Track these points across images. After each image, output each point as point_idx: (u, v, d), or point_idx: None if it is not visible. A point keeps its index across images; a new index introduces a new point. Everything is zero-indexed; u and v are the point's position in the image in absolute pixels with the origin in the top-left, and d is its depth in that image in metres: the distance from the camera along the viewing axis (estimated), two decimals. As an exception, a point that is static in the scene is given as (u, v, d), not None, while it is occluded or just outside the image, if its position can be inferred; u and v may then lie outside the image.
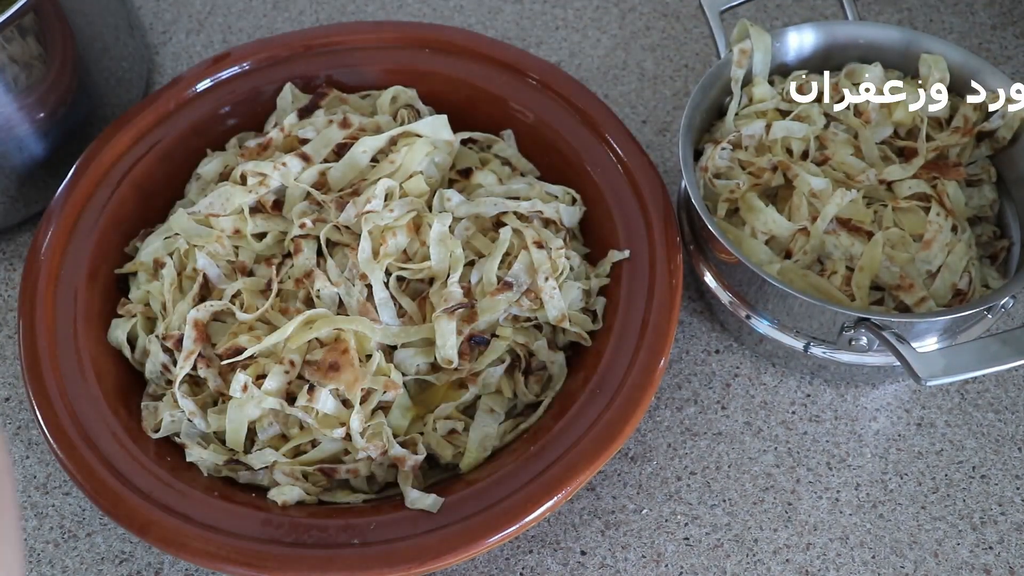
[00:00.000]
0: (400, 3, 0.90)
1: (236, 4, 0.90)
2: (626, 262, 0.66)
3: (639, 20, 0.88)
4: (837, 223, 0.64)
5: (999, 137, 0.68)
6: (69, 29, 0.71)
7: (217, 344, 0.63)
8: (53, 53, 0.70)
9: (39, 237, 0.68)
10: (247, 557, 0.56)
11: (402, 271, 0.64)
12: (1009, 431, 0.67)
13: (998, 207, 0.69)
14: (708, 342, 0.71)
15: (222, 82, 0.75)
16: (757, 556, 0.63)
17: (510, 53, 0.75)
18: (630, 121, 0.81)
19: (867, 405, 0.68)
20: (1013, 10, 0.87)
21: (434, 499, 0.58)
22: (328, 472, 0.60)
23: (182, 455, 0.62)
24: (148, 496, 0.59)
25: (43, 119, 0.71)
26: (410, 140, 0.69)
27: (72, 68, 0.73)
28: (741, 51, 0.70)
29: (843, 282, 0.63)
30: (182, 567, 0.63)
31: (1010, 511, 0.64)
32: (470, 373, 0.62)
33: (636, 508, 0.64)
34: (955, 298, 0.63)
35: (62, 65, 0.72)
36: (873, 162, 0.68)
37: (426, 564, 0.56)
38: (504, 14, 0.89)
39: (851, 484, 0.65)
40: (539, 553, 0.63)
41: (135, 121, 0.73)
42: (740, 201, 0.66)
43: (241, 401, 0.60)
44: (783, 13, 0.89)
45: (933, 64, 0.69)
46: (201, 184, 0.71)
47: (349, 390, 0.59)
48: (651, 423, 0.68)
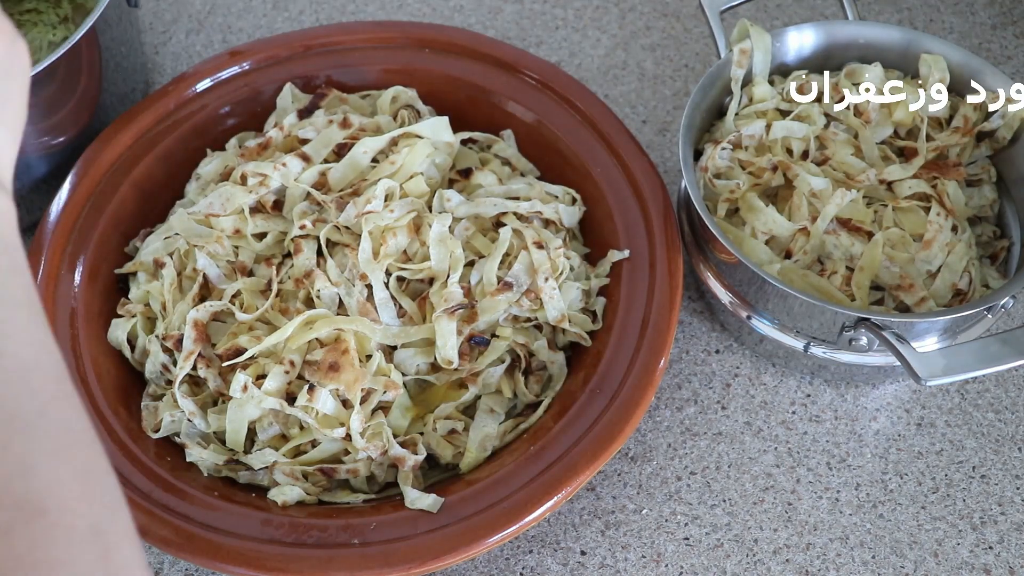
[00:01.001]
0: (400, 3, 0.90)
1: (236, 4, 0.90)
2: (626, 262, 0.66)
3: (639, 20, 0.88)
4: (837, 223, 0.64)
5: (999, 137, 0.68)
6: (99, 70, 0.72)
7: (217, 344, 0.63)
8: (77, 89, 0.71)
9: (39, 237, 0.68)
10: (247, 557, 0.56)
11: (402, 271, 0.64)
12: (1009, 431, 0.67)
13: (998, 207, 0.69)
14: (708, 342, 0.71)
15: (222, 82, 0.75)
16: (757, 556, 0.63)
17: (510, 53, 0.75)
18: (630, 121, 0.81)
19: (867, 405, 0.68)
20: (1013, 10, 0.87)
21: (434, 499, 0.58)
22: (328, 472, 0.60)
23: (182, 455, 0.62)
24: (148, 496, 0.59)
25: (57, 144, 0.72)
26: (411, 141, 0.69)
27: (92, 102, 0.73)
28: (741, 51, 0.70)
29: (843, 282, 0.63)
30: (182, 567, 0.63)
31: (1010, 511, 0.64)
32: (470, 373, 0.62)
33: (636, 508, 0.64)
34: (955, 298, 0.63)
35: (81, 100, 0.72)
36: (873, 162, 0.68)
37: (426, 564, 0.56)
38: (504, 14, 0.89)
39: (851, 484, 0.65)
40: (539, 553, 0.63)
41: (135, 121, 0.73)
42: (740, 201, 0.66)
43: (241, 401, 0.60)
44: (783, 13, 0.89)
45: (933, 64, 0.69)
46: (201, 184, 0.71)
47: (349, 390, 0.59)
48: (651, 423, 0.68)
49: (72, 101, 0.71)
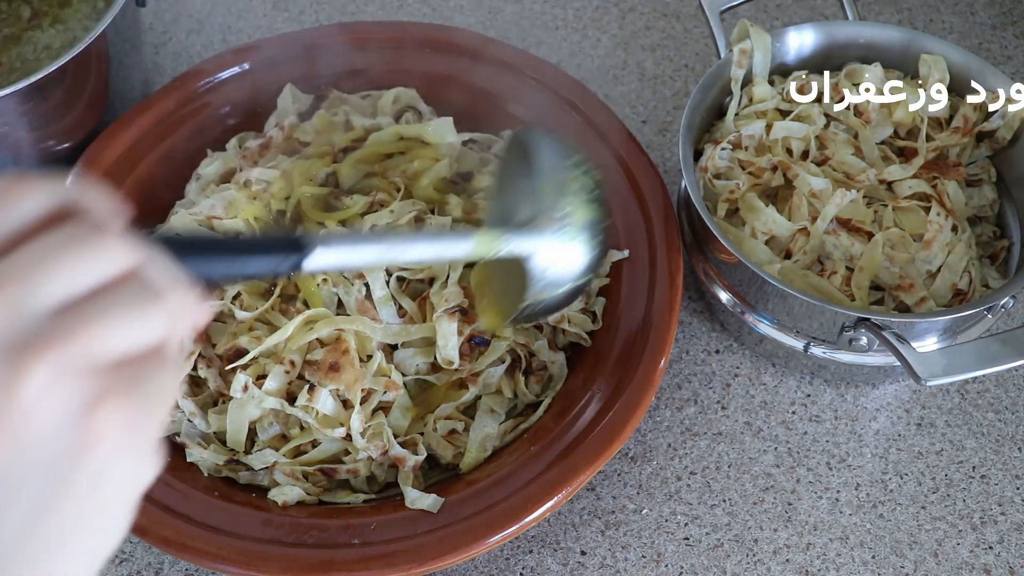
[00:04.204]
0: (400, 3, 0.90)
1: (236, 4, 0.90)
2: (626, 262, 0.66)
3: (639, 20, 0.88)
4: (837, 223, 0.64)
5: (999, 137, 0.68)
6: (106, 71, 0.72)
7: (217, 344, 0.63)
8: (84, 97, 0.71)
9: (39, 237, 0.68)
10: (247, 557, 0.56)
11: (402, 271, 0.64)
12: (1009, 431, 0.67)
13: (998, 207, 0.69)
14: (708, 342, 0.71)
15: (222, 82, 0.75)
16: (757, 556, 0.63)
17: (510, 53, 0.75)
18: (630, 121, 0.81)
19: (867, 405, 0.68)
20: (1013, 10, 0.87)
21: (434, 499, 0.58)
22: (328, 472, 0.60)
23: (182, 455, 0.62)
24: (148, 496, 0.58)
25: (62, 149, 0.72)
26: (415, 145, 0.69)
27: (100, 104, 0.73)
28: (741, 51, 0.70)
29: (843, 282, 0.63)
30: (182, 567, 0.63)
31: (1010, 511, 0.64)
32: (470, 373, 0.62)
33: (636, 508, 0.64)
34: (955, 298, 0.63)
35: (88, 108, 0.72)
36: (873, 162, 0.68)
37: (426, 564, 0.56)
38: (504, 14, 0.89)
39: (851, 484, 0.65)
40: (539, 553, 0.63)
41: (135, 121, 0.73)
42: (740, 201, 0.66)
43: (241, 401, 0.60)
44: (783, 13, 0.89)
45: (933, 64, 0.69)
46: (201, 184, 0.71)
47: (349, 390, 0.59)
48: (651, 423, 0.68)
49: (81, 103, 0.71)
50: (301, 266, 0.41)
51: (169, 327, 0.31)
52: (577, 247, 0.51)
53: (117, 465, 0.30)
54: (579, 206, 0.52)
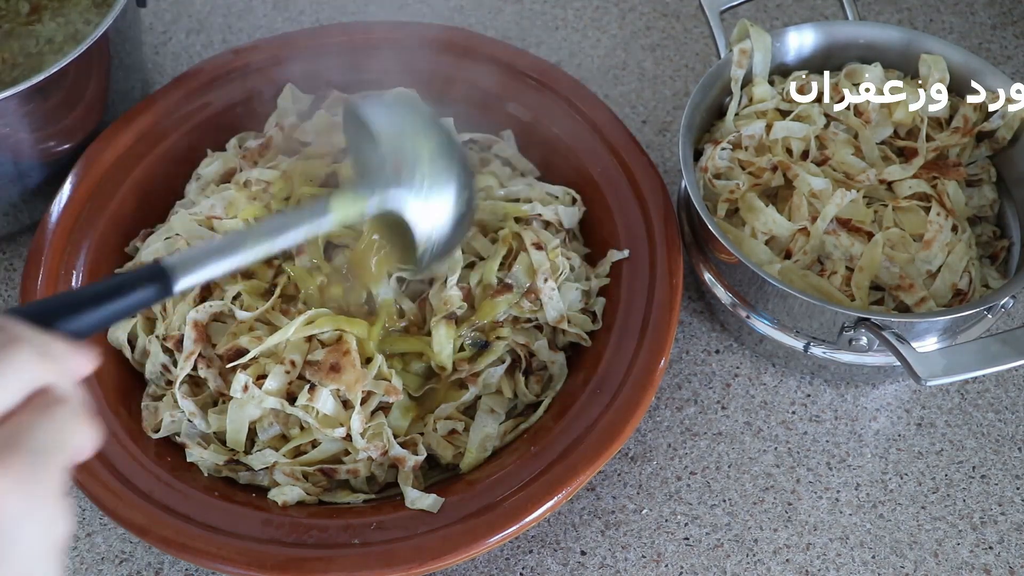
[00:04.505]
0: (400, 3, 0.90)
1: (236, 4, 0.90)
2: (626, 262, 0.66)
3: (639, 20, 0.88)
4: (837, 223, 0.64)
5: (999, 137, 0.68)
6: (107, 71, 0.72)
7: (217, 344, 0.63)
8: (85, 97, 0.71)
9: (39, 237, 0.68)
10: (247, 557, 0.56)
11: (402, 272, 0.64)
12: (1009, 431, 0.67)
13: (998, 207, 0.69)
14: (708, 342, 0.71)
15: (222, 82, 0.75)
16: (757, 556, 0.63)
17: (510, 53, 0.75)
18: (630, 121, 0.81)
19: (867, 405, 0.68)
20: (1013, 10, 0.87)
21: (434, 499, 0.58)
22: (328, 472, 0.60)
23: (182, 455, 0.62)
24: (148, 496, 0.59)
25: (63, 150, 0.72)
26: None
27: (100, 104, 0.73)
28: (741, 51, 0.70)
29: (843, 282, 0.63)
30: (182, 567, 0.63)
31: (1010, 511, 0.64)
32: (470, 373, 0.62)
33: (636, 508, 0.65)
34: (955, 298, 0.63)
35: (88, 108, 0.72)
36: (873, 162, 0.68)
37: (426, 564, 0.56)
38: (504, 14, 0.89)
39: (851, 484, 0.65)
40: (539, 553, 0.63)
41: (135, 121, 0.73)
42: (740, 201, 0.66)
43: (242, 401, 0.60)
44: (783, 13, 0.89)
45: (933, 64, 0.69)
46: (201, 184, 0.71)
47: (350, 391, 0.59)
48: (651, 423, 0.68)
49: (81, 104, 0.71)
50: (172, 290, 0.43)
51: (42, 374, 0.30)
52: (438, 175, 0.53)
53: (24, 526, 0.29)
54: (421, 141, 0.53)
